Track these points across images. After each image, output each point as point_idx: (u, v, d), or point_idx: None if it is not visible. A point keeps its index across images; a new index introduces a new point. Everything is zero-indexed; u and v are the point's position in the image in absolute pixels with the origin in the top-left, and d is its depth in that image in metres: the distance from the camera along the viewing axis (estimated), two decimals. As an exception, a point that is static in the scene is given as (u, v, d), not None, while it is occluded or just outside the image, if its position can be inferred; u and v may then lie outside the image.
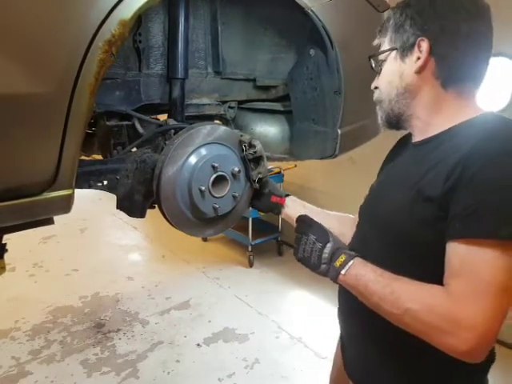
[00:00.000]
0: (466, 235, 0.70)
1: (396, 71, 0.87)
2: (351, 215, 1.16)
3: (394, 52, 0.87)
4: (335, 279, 0.86)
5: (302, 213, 1.06)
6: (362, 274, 0.81)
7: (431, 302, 0.72)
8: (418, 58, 0.83)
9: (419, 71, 0.84)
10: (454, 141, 0.79)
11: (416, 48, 0.83)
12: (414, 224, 0.79)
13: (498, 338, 0.83)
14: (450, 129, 0.83)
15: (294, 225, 1.01)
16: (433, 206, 0.75)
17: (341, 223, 1.12)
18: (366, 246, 0.92)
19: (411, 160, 0.88)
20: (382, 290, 0.77)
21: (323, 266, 0.87)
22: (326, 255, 0.87)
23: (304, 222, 0.95)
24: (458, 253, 0.72)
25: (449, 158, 0.76)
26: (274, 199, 1.18)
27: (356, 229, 1.02)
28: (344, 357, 1.07)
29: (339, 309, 1.06)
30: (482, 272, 0.69)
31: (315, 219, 0.97)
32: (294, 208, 1.16)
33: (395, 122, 0.92)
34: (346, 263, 0.84)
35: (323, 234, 0.90)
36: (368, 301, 0.81)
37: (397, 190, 0.86)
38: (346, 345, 1.07)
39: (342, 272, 0.84)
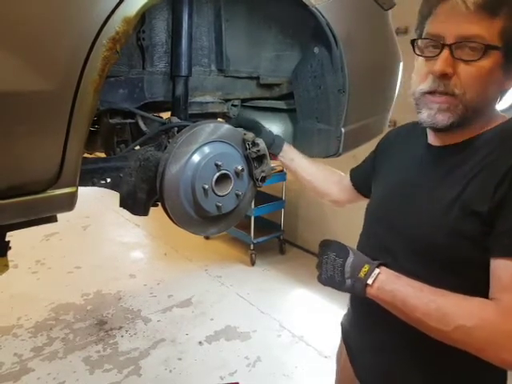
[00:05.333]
0: None
1: (496, 80, 0.77)
2: (339, 173, 1.23)
3: (501, 54, 0.74)
4: (363, 292, 0.81)
5: (296, 160, 1.17)
6: (398, 288, 0.77)
7: (483, 317, 0.70)
8: None
9: None
10: (495, 147, 0.76)
11: None
12: (451, 238, 0.76)
13: None
14: (483, 133, 0.79)
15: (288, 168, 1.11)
16: (478, 221, 0.73)
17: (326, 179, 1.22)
18: (389, 255, 0.87)
19: (438, 166, 0.83)
20: (425, 307, 0.74)
21: (348, 282, 0.83)
22: (349, 269, 0.83)
23: (322, 244, 0.92)
24: (508, 269, 0.70)
25: (494, 166, 0.73)
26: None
27: (366, 233, 0.98)
28: (356, 365, 1.03)
29: (352, 320, 1.02)
30: None
31: (304, 164, 1.03)
32: (287, 157, 1.24)
33: (464, 123, 0.80)
34: (371, 272, 0.80)
35: (342, 249, 0.86)
36: (407, 317, 0.77)
37: (426, 201, 0.82)
38: (358, 354, 1.02)
39: (369, 282, 0.80)
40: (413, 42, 0.83)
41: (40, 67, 0.71)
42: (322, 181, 1.26)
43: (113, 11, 0.75)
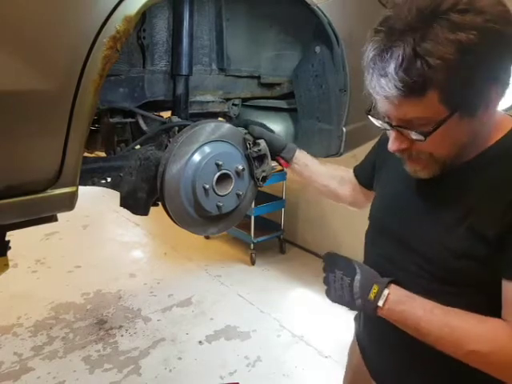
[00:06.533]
0: None
1: (464, 131, 0.71)
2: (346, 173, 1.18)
3: (454, 116, 0.67)
4: (375, 313, 0.79)
5: (310, 166, 1.13)
6: (410, 310, 0.76)
7: (497, 341, 0.69)
8: (487, 106, 0.68)
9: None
10: (499, 166, 0.72)
11: (486, 98, 0.67)
12: (460, 261, 0.74)
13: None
14: (484, 152, 0.75)
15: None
16: (488, 245, 0.70)
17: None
18: (394, 266, 0.85)
19: (437, 184, 0.79)
20: (438, 331, 0.73)
21: (358, 302, 0.81)
22: (357, 289, 0.81)
23: (328, 259, 0.89)
24: None
25: (502, 187, 0.70)
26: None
27: (371, 239, 0.96)
28: (368, 364, 1.02)
29: (364, 332, 1.01)
30: None
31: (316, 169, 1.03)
32: (301, 163, 1.18)
33: (449, 167, 0.77)
34: (381, 293, 0.78)
35: (349, 267, 0.84)
36: (422, 338, 0.76)
37: (430, 220, 0.80)
38: (375, 361, 1.00)
39: (380, 304, 0.78)
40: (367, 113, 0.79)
41: (40, 66, 0.70)
42: (338, 185, 1.20)
43: (113, 10, 0.75)
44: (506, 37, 0.64)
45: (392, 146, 0.75)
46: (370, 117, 0.78)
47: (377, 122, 0.77)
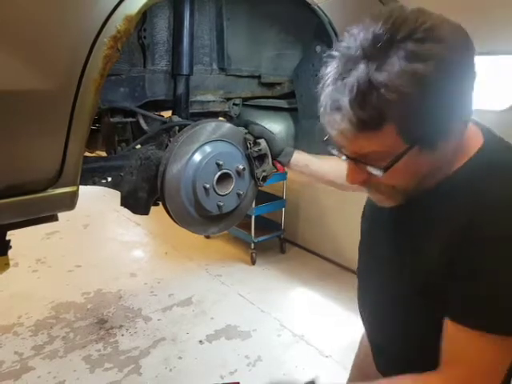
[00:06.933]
0: (467, 324, 0.66)
1: (425, 164, 0.67)
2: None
3: (413, 149, 0.63)
4: None
5: (310, 165, 1.11)
6: None
7: None
8: (449, 139, 0.65)
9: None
10: (448, 198, 0.69)
11: (447, 131, 0.63)
12: (407, 293, 0.74)
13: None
14: (447, 179, 0.71)
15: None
16: (430, 283, 0.70)
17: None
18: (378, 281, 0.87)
19: (405, 213, 0.77)
20: None
21: None
22: None
23: None
24: (457, 337, 0.67)
25: (441, 228, 0.68)
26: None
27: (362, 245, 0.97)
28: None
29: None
30: (481, 363, 0.66)
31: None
32: (301, 164, 1.15)
33: (413, 196, 0.73)
34: None
35: None
36: None
37: (387, 250, 0.81)
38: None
39: None
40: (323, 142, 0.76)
41: (41, 66, 0.70)
42: (343, 177, 1.19)
43: (114, 9, 0.75)
44: (465, 66, 0.61)
45: (349, 178, 0.72)
46: (327, 146, 0.74)
47: (334, 152, 0.73)
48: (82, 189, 0.87)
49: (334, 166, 1.19)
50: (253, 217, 3.38)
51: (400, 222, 0.79)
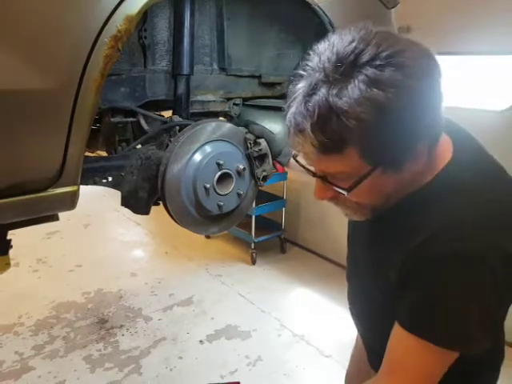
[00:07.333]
0: (412, 331, 0.68)
1: (389, 183, 0.68)
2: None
3: (377, 170, 0.64)
4: None
5: None
6: None
7: None
8: (415, 159, 0.65)
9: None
10: (410, 215, 0.70)
11: (412, 152, 0.63)
12: (377, 299, 0.79)
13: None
14: (414, 192, 0.71)
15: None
16: (393, 289, 0.73)
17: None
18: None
19: (377, 225, 0.79)
20: None
21: None
22: None
23: None
24: (399, 342, 0.70)
25: (404, 237, 0.69)
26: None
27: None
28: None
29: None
30: (418, 373, 0.68)
31: None
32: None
33: (382, 211, 0.75)
34: None
35: None
36: None
37: (365, 262, 0.85)
38: None
39: None
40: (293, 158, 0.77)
41: (42, 66, 0.70)
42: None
43: (115, 9, 0.75)
44: (426, 91, 0.60)
45: (317, 194, 0.73)
46: (295, 162, 0.75)
47: (302, 168, 0.74)
48: (83, 188, 0.87)
49: None
50: (253, 217, 3.38)
51: (374, 236, 0.81)
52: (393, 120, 0.58)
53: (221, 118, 1.32)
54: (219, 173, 1.05)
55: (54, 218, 0.96)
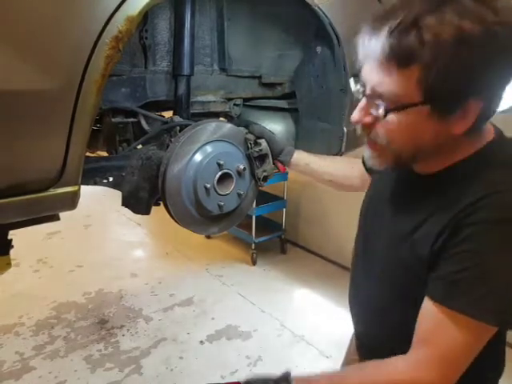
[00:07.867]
0: (445, 303, 0.66)
1: (428, 130, 0.66)
2: (357, 161, 1.08)
3: (424, 107, 0.64)
4: None
5: (311, 164, 1.12)
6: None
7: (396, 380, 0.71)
8: (463, 117, 0.64)
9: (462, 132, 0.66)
10: (453, 184, 0.70)
11: (463, 107, 0.63)
12: (400, 270, 0.76)
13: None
14: (453, 166, 0.71)
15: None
16: (421, 263, 0.71)
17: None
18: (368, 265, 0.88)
19: (408, 192, 0.79)
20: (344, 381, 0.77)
21: None
22: None
23: None
24: (432, 315, 0.68)
25: (441, 212, 0.69)
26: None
27: (358, 233, 0.98)
28: None
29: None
30: (450, 346, 0.66)
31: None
32: (301, 163, 1.16)
33: (403, 165, 0.75)
34: None
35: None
36: None
37: (387, 226, 0.81)
38: None
39: None
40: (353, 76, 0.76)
41: (43, 66, 0.71)
42: (343, 177, 1.18)
43: (116, 10, 0.75)
44: (507, 50, 0.59)
45: (355, 114, 0.72)
46: (351, 80, 0.75)
47: (354, 87, 0.73)
48: (83, 189, 0.87)
49: (334, 166, 1.19)
50: (253, 217, 3.38)
51: (403, 207, 0.79)
52: (466, 56, 0.58)
53: (221, 119, 1.32)
54: (220, 173, 1.05)
55: (55, 217, 0.96)
